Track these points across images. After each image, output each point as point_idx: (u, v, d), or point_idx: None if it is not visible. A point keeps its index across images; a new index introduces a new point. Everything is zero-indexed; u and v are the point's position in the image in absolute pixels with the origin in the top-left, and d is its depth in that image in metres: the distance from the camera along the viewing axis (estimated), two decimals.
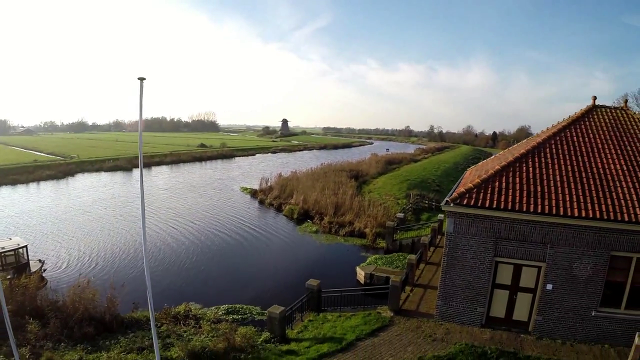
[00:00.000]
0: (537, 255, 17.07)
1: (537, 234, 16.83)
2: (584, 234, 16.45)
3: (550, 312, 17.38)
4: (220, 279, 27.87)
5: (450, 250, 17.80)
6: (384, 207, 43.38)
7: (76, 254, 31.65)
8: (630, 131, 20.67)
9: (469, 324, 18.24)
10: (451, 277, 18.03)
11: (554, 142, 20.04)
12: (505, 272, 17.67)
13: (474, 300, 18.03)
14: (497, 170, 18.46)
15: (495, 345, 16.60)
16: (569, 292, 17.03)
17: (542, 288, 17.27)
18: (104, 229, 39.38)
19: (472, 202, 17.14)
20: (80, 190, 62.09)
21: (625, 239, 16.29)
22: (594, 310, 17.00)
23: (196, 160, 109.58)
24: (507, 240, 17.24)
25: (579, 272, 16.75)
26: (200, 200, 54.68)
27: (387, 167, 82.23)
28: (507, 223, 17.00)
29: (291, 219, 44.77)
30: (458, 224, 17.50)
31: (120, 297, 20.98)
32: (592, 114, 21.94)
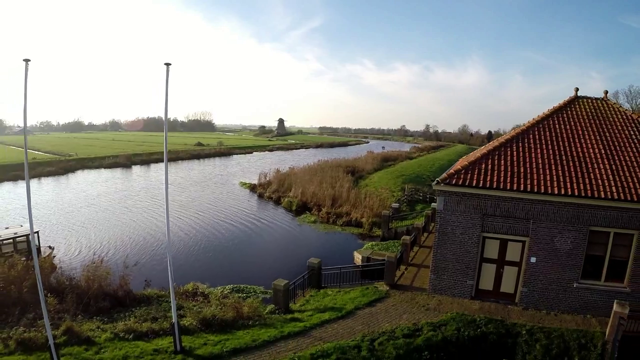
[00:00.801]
0: (521, 230, 18.55)
1: (520, 210, 18.31)
2: (563, 210, 17.93)
3: (534, 283, 18.84)
4: (225, 263, 29.29)
5: (441, 227, 19.26)
6: (379, 199, 44.85)
7: (85, 242, 32.93)
8: (609, 119, 22.18)
9: (460, 296, 19.68)
10: (442, 251, 19.48)
11: (537, 129, 21.55)
12: (492, 246, 19.14)
13: (464, 273, 19.49)
14: (484, 154, 19.96)
15: (484, 314, 18.01)
16: (552, 265, 18.49)
17: (526, 261, 18.75)
18: (111, 219, 40.69)
19: (461, 182, 18.62)
20: (83, 185, 63.30)
21: (602, 215, 17.78)
22: (576, 282, 18.46)
23: (194, 158, 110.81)
24: (493, 217, 18.71)
25: (560, 245, 18.22)
26: (202, 194, 56.13)
27: (383, 164, 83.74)
28: (493, 200, 18.47)
29: (290, 211, 46.20)
30: (448, 202, 18.96)
31: (132, 276, 22.31)
32: (574, 104, 23.45)
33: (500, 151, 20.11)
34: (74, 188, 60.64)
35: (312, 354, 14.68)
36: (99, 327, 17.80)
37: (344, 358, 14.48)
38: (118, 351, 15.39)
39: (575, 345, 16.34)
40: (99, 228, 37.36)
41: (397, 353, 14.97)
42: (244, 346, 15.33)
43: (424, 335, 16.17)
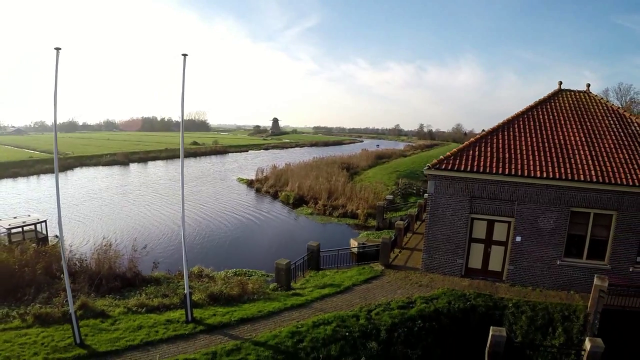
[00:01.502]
0: (507, 211, 19.92)
1: (505, 193, 19.69)
2: (546, 192, 19.31)
3: (520, 262, 20.21)
4: (227, 249, 30.59)
5: (432, 209, 20.60)
6: (374, 192, 46.22)
7: (92, 232, 34.07)
8: (590, 110, 23.61)
9: (451, 274, 21.02)
10: (434, 232, 20.82)
11: (522, 119, 22.95)
12: (480, 227, 20.50)
13: (454, 253, 20.83)
14: (471, 142, 21.35)
15: (473, 290, 19.34)
16: (536, 244, 19.86)
17: (512, 240, 20.12)
18: (115, 211, 41.88)
19: (450, 167, 19.99)
20: (83, 181, 64.30)
21: (583, 196, 19.18)
22: (559, 260, 19.84)
23: (191, 156, 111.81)
24: (481, 199, 20.08)
25: (544, 225, 19.60)
26: (202, 188, 57.41)
27: (377, 161, 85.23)
28: (480, 184, 19.84)
29: (287, 204, 47.48)
30: (438, 186, 20.32)
31: (140, 259, 23.51)
32: (557, 97, 24.86)
33: (486, 139, 21.48)
34: (75, 184, 61.62)
35: (314, 321, 15.97)
36: (112, 303, 18.98)
37: (343, 325, 15.76)
38: (132, 322, 16.60)
39: (559, 317, 17.67)
40: (104, 219, 38.55)
41: (392, 321, 16.27)
42: (250, 316, 16.60)
43: (417, 307, 17.48)
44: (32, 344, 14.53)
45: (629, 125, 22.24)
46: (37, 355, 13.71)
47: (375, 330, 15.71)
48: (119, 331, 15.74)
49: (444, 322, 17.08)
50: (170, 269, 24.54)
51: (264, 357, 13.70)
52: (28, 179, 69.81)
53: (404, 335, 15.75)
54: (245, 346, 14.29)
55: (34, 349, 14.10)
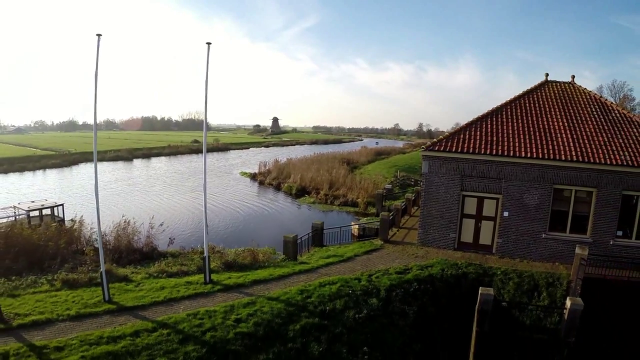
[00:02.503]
0: (495, 188, 21.77)
1: (493, 171, 21.53)
2: (530, 170, 21.15)
3: (508, 235, 22.02)
4: (235, 231, 32.49)
5: (427, 187, 22.44)
6: (373, 183, 48.09)
7: (109, 215, 35.73)
8: (574, 99, 25.44)
9: (444, 247, 22.82)
10: (428, 209, 22.65)
11: (509, 107, 24.82)
12: (470, 204, 22.34)
13: (447, 227, 22.66)
14: (462, 127, 23.26)
15: (465, 260, 21.13)
16: (522, 218, 21.67)
17: (500, 216, 21.94)
18: (128, 199, 43.83)
19: (442, 148, 21.86)
20: (91, 175, 66.00)
21: (564, 174, 21.01)
22: (544, 233, 21.63)
23: (193, 153, 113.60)
24: (471, 178, 21.92)
25: (529, 201, 21.42)
26: (209, 180, 59.29)
27: (377, 157, 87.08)
28: (470, 163, 21.68)
29: (290, 195, 49.35)
30: (432, 165, 22.17)
31: (156, 237, 25.29)
32: (544, 87, 26.69)
33: (476, 125, 23.34)
34: (84, 176, 63.48)
35: (320, 282, 17.80)
36: (133, 271, 20.81)
37: (346, 285, 17.58)
38: (155, 284, 18.44)
39: (543, 283, 19.44)
40: (119, 206, 40.45)
41: (390, 283, 18.08)
42: (262, 278, 18.43)
43: (413, 273, 19.29)
44: (63, 302, 16.30)
45: (609, 112, 24.07)
46: (70, 310, 15.45)
47: (376, 290, 17.51)
48: (143, 291, 17.55)
49: (437, 286, 18.87)
50: (184, 246, 26.29)
51: (276, 308, 15.50)
52: (34, 173, 71.65)
53: (401, 294, 17.54)
54: (260, 300, 16.10)
55: (65, 305, 15.86)
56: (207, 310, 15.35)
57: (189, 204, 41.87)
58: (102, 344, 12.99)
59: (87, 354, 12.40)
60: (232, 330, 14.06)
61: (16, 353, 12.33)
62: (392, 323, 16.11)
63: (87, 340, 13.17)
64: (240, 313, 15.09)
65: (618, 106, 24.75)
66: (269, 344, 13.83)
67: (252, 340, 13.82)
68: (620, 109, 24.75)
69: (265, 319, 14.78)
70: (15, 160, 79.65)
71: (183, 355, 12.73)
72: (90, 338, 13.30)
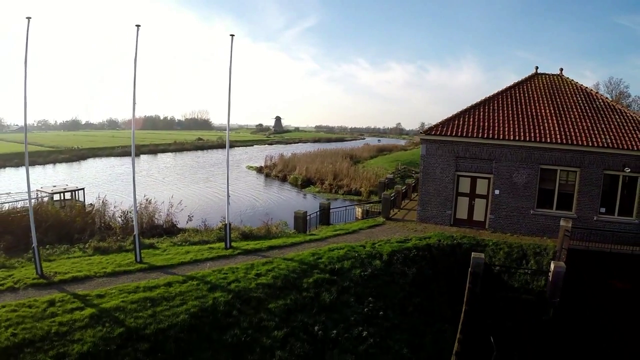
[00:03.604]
0: (486, 169, 23.88)
1: (485, 153, 23.66)
2: (518, 152, 23.27)
3: (499, 211, 24.10)
4: (248, 216, 34.58)
5: (424, 168, 24.59)
6: (376, 174, 50.21)
7: (130, 201, 37.92)
8: (561, 89, 27.51)
9: (441, 223, 24.90)
10: (426, 188, 24.77)
11: (500, 97, 26.95)
12: (464, 183, 24.46)
13: (444, 205, 24.76)
14: (456, 114, 25.40)
15: (460, 234, 23.19)
16: (512, 196, 23.75)
17: (492, 194, 24.02)
18: (146, 187, 45.87)
19: (439, 132, 24.03)
20: (103, 167, 68.50)
21: (550, 156, 23.11)
22: (532, 210, 23.70)
23: (198, 149, 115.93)
24: (464, 159, 24.07)
25: (518, 180, 23.52)
26: (217, 172, 62.14)
27: (379, 153, 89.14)
28: (464, 146, 23.84)
29: (296, 186, 51.63)
30: (429, 148, 24.33)
31: (176, 214, 27.41)
32: (533, 79, 28.77)
33: (469, 112, 25.51)
34: (95, 170, 65.85)
35: (329, 247, 19.96)
36: (158, 241, 22.94)
37: (352, 250, 19.70)
38: (180, 249, 20.62)
39: (531, 252, 21.48)
40: (138, 193, 42.35)
41: (392, 249, 20.18)
42: (277, 245, 20.62)
43: (412, 242, 21.39)
44: (98, 263, 18.37)
45: (594, 101, 26.14)
46: (105, 268, 17.54)
47: (379, 254, 19.62)
48: (170, 255, 19.70)
49: (434, 253, 20.97)
50: (201, 225, 28.35)
51: (291, 266, 17.65)
52: (44, 167, 73.97)
53: (402, 259, 19.64)
54: (276, 261, 18.24)
55: (101, 266, 17.95)
56: (230, 267, 17.51)
57: (204, 192, 44.29)
58: (139, 292, 15.10)
59: (126, 299, 14.50)
60: (254, 281, 16.21)
61: (61, 300, 14.39)
62: (393, 281, 18.22)
63: (125, 289, 15.29)
64: (259, 269, 17.24)
65: (602, 96, 26.79)
66: (286, 292, 15.97)
67: (272, 289, 15.96)
68: (606, 99, 26.84)
69: (282, 274, 16.92)
70: (13, 156, 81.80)
71: (212, 299, 14.85)
72: (127, 288, 15.42)
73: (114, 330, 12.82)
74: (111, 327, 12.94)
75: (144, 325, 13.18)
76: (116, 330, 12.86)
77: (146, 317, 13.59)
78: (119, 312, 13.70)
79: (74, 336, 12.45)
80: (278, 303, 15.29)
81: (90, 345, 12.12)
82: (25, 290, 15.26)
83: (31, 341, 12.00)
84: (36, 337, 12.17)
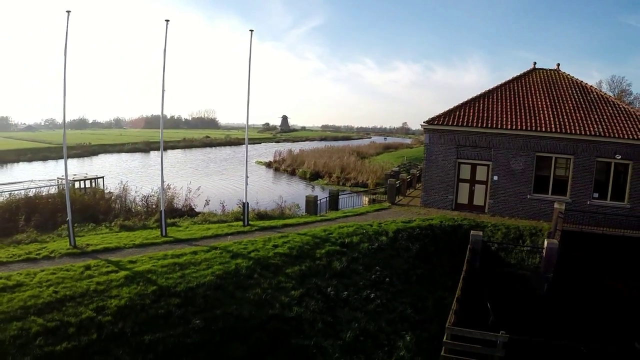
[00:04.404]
0: (486, 156, 25.51)
1: (484, 141, 25.29)
2: (515, 140, 24.88)
3: (498, 196, 25.70)
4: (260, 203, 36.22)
5: (428, 155, 26.28)
6: (382, 168, 51.90)
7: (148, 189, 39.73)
8: (557, 83, 29.09)
9: (443, 208, 26.52)
10: (429, 174, 26.44)
11: (499, 90, 28.60)
12: (465, 170, 26.12)
13: (446, 190, 26.40)
14: (457, 106, 27.11)
15: (461, 216, 24.81)
16: (510, 182, 25.35)
17: (491, 180, 25.63)
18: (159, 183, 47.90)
19: (441, 122, 25.73)
20: (116, 162, 70.72)
21: (545, 144, 24.70)
22: (529, 195, 25.28)
23: (207, 146, 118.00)
24: (465, 147, 25.72)
25: (515, 167, 25.11)
26: (229, 166, 64.46)
27: (385, 150, 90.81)
28: (464, 135, 25.50)
29: (304, 179, 53.52)
30: (432, 137, 26.02)
31: (194, 199, 29.18)
32: (531, 74, 30.35)
33: (469, 104, 27.21)
34: (108, 164, 67.86)
35: (339, 225, 21.70)
36: (178, 221, 24.64)
37: (360, 228, 21.41)
38: (201, 227, 22.33)
39: (527, 233, 23.04)
40: (156, 183, 44.38)
41: (397, 228, 21.87)
42: (291, 223, 22.42)
43: (416, 223, 23.05)
44: (126, 237, 20.03)
45: (588, 94, 27.70)
46: (134, 241, 19.18)
47: (385, 232, 21.31)
48: (192, 231, 21.46)
49: (436, 232, 22.59)
50: (218, 210, 30.10)
51: (305, 239, 19.40)
52: (57, 161, 75.97)
53: (406, 236, 21.31)
54: (291, 235, 19.97)
55: (129, 239, 19.61)
56: (249, 240, 19.25)
57: (219, 184, 46.27)
58: (167, 259, 16.76)
59: (156, 264, 16.15)
60: (272, 251, 17.97)
61: (96, 265, 15.95)
62: (398, 254, 19.90)
63: (155, 257, 16.96)
64: (276, 242, 18.99)
65: (596, 89, 28.35)
66: (301, 260, 17.70)
67: (288, 258, 17.70)
68: (599, 92, 28.39)
69: (297, 245, 18.67)
70: (39, 150, 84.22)
71: (235, 265, 16.55)
72: (156, 256, 17.09)
73: (148, 288, 14.45)
74: (145, 286, 14.58)
75: (174, 284, 14.84)
76: (149, 288, 14.50)
77: (176, 278, 15.27)
78: (151, 274, 15.35)
79: (111, 293, 14.02)
80: (294, 269, 16.99)
81: (127, 300, 13.73)
82: (60, 258, 16.78)
83: (72, 297, 13.47)
84: (76, 294, 13.65)
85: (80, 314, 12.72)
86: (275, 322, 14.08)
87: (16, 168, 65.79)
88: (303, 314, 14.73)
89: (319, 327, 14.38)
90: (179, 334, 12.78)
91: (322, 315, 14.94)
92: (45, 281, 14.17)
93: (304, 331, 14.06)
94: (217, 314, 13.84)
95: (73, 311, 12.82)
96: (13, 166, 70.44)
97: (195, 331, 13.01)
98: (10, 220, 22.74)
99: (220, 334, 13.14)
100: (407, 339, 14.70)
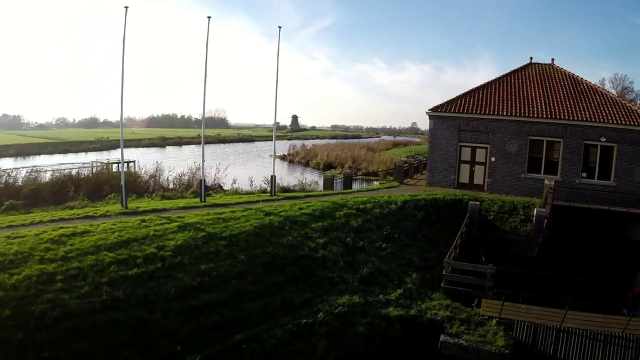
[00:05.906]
0: (484, 140, 28.64)
1: (482, 126, 28.45)
2: (510, 125, 28.00)
3: (495, 176, 28.75)
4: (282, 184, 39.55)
5: (432, 139, 29.49)
6: (392, 159, 54.97)
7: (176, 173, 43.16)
8: (551, 76, 32.09)
9: (447, 186, 29.60)
10: (434, 156, 29.62)
11: (497, 82, 31.71)
12: (466, 152, 29.26)
13: (449, 171, 29.53)
14: (458, 96, 30.26)
15: (462, 193, 27.86)
16: (506, 162, 28.41)
17: (489, 161, 28.70)
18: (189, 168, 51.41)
19: (444, 110, 28.96)
20: (135, 155, 73.82)
21: (537, 128, 27.78)
22: (523, 174, 28.31)
23: (220, 142, 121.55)
24: (466, 131, 28.89)
25: (510, 149, 28.17)
26: (247, 158, 68.04)
27: (395, 146, 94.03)
28: (465, 120, 28.71)
29: (317, 169, 56.79)
30: (436, 122, 29.25)
31: (222, 178, 32.52)
32: (527, 68, 33.38)
33: (469, 95, 30.41)
34: (131, 155, 71.23)
35: (354, 196, 24.94)
36: (211, 194, 27.92)
37: (373, 198, 24.65)
38: (233, 196, 25.63)
39: (521, 206, 25.99)
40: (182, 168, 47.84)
41: (404, 199, 25.04)
42: (312, 194, 25.71)
43: (421, 196, 26.19)
44: (170, 203, 23.26)
45: (578, 85, 30.71)
46: (178, 204, 22.35)
47: (394, 202, 24.52)
48: (227, 199, 24.80)
49: (440, 204, 25.71)
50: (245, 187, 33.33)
51: (326, 204, 22.68)
52: (77, 155, 79.53)
53: (413, 205, 24.48)
54: (313, 202, 23.25)
55: (173, 203, 22.74)
56: (278, 204, 22.56)
57: (242, 172, 49.21)
58: (210, 215, 19.98)
59: (202, 218, 19.32)
60: (298, 211, 21.26)
61: (150, 219, 18.81)
62: (406, 219, 23.11)
63: (199, 214, 20.17)
64: (301, 206, 22.29)
65: (586, 81, 31.31)
66: (324, 219, 20.98)
67: (312, 216, 20.98)
68: (589, 84, 31.33)
69: (319, 208, 21.95)
70: (59, 145, 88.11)
71: (269, 220, 19.81)
72: (201, 213, 20.29)
73: (198, 234, 17.55)
74: (195, 232, 17.65)
75: (220, 232, 17.99)
76: (199, 234, 17.61)
77: (221, 227, 18.47)
78: (199, 224, 18.50)
79: (167, 237, 16.98)
80: (318, 224, 20.27)
81: (182, 241, 16.78)
82: (116, 216, 19.51)
83: (135, 239, 16.30)
84: (138, 237, 16.49)
85: (144, 250, 15.63)
86: (305, 260, 17.36)
87: (38, 160, 69.20)
88: (327, 255, 18.00)
89: (340, 264, 17.66)
90: (228, 265, 16.00)
91: (343, 257, 18.23)
92: (109, 229, 16.97)
93: (328, 267, 17.34)
94: (258, 252, 17.08)
95: (138, 248, 15.69)
96: (35, 158, 73.83)
97: (242, 263, 16.24)
98: (60, 192, 26.22)
99: (262, 266, 16.39)
100: (413, 277, 17.93)
